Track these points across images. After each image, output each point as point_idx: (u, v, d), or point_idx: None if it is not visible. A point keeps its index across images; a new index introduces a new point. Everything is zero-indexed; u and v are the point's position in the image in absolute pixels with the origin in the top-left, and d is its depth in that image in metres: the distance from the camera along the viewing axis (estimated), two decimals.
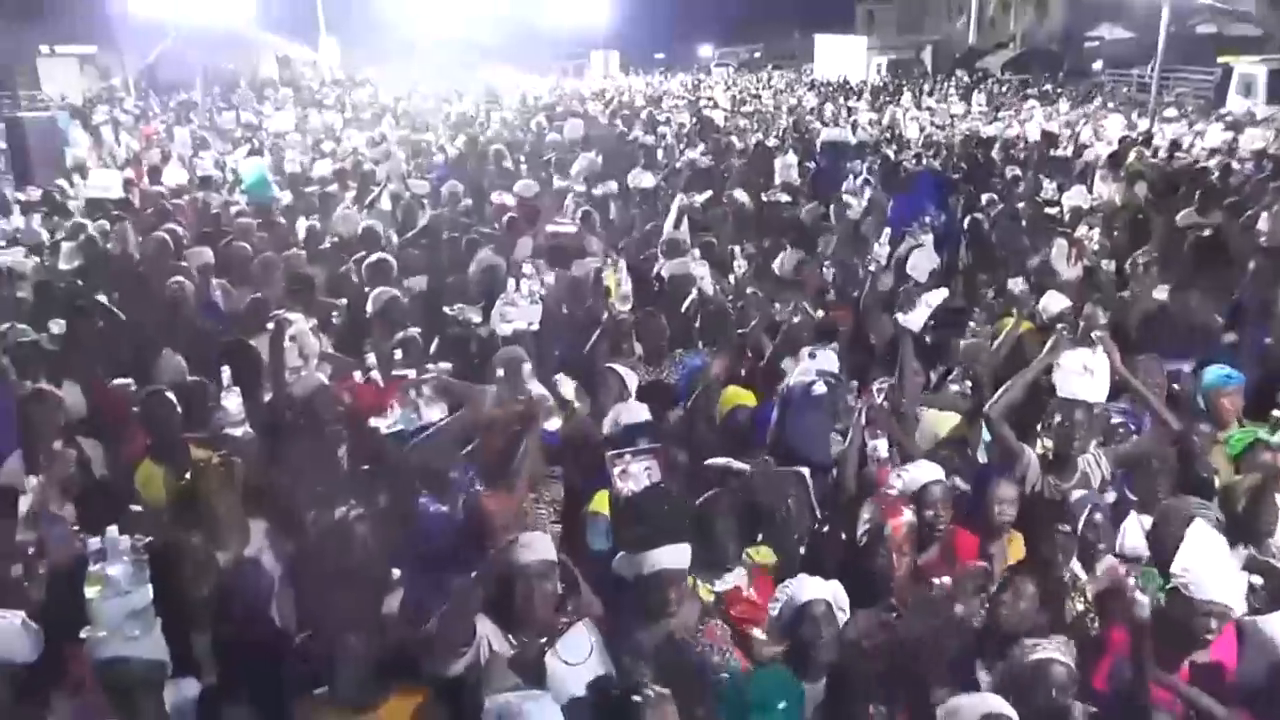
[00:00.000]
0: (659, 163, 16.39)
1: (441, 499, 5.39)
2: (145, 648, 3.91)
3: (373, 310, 7.91)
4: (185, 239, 10.89)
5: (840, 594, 4.53)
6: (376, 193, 13.58)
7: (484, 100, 30.66)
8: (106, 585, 3.81)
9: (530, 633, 4.40)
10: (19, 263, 10.70)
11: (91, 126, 24.74)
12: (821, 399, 5.99)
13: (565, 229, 10.11)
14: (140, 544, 3.90)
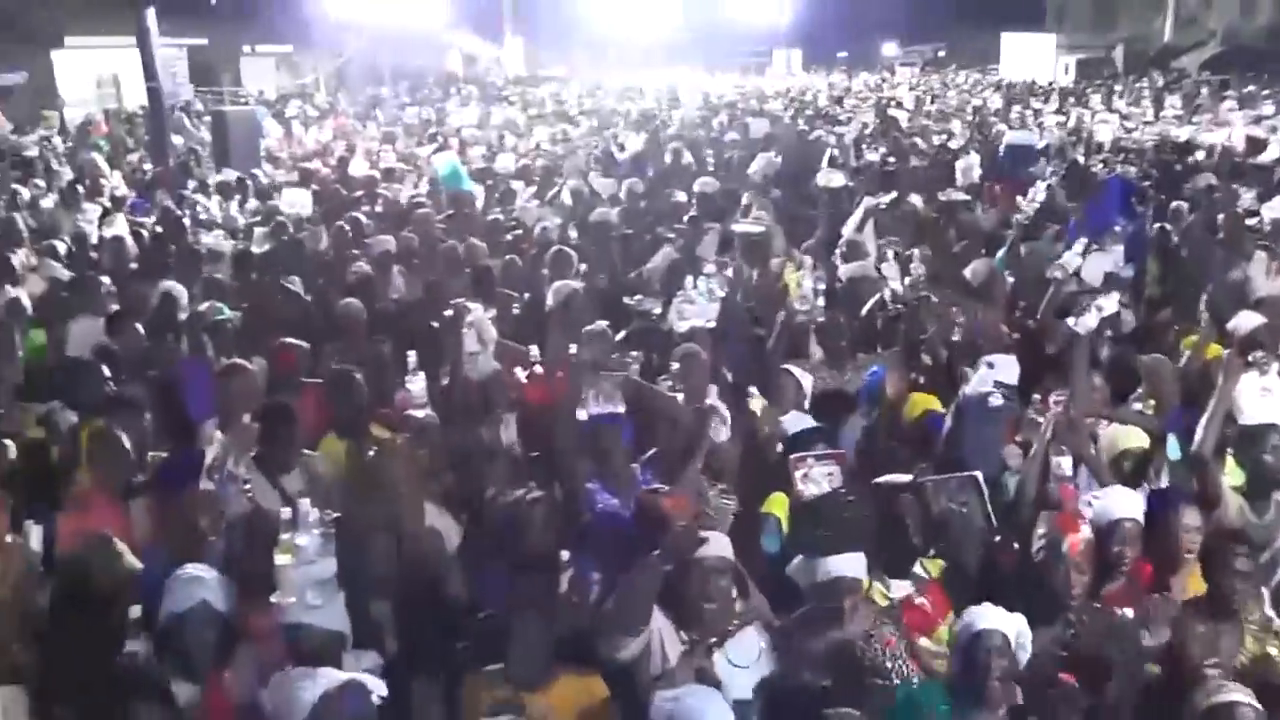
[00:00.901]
0: (838, 163, 16.21)
1: (615, 492, 5.44)
2: (326, 616, 4.13)
3: (554, 302, 8.00)
4: (367, 228, 11.25)
5: (1023, 630, 4.29)
6: (558, 188, 13.78)
7: (666, 98, 30.83)
8: (295, 554, 4.06)
9: (701, 630, 4.41)
10: (219, 244, 11.28)
11: (284, 120, 25.80)
12: (998, 410, 5.84)
13: (751, 228, 10.05)
14: (329, 517, 4.10)
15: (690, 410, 5.83)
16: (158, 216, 13.35)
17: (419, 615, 4.72)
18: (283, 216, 11.98)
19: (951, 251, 9.88)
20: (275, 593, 4.14)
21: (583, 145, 19.10)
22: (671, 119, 24.99)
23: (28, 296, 9.17)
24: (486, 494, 5.42)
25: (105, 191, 15.90)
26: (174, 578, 4.30)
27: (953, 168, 15.32)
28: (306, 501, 4.24)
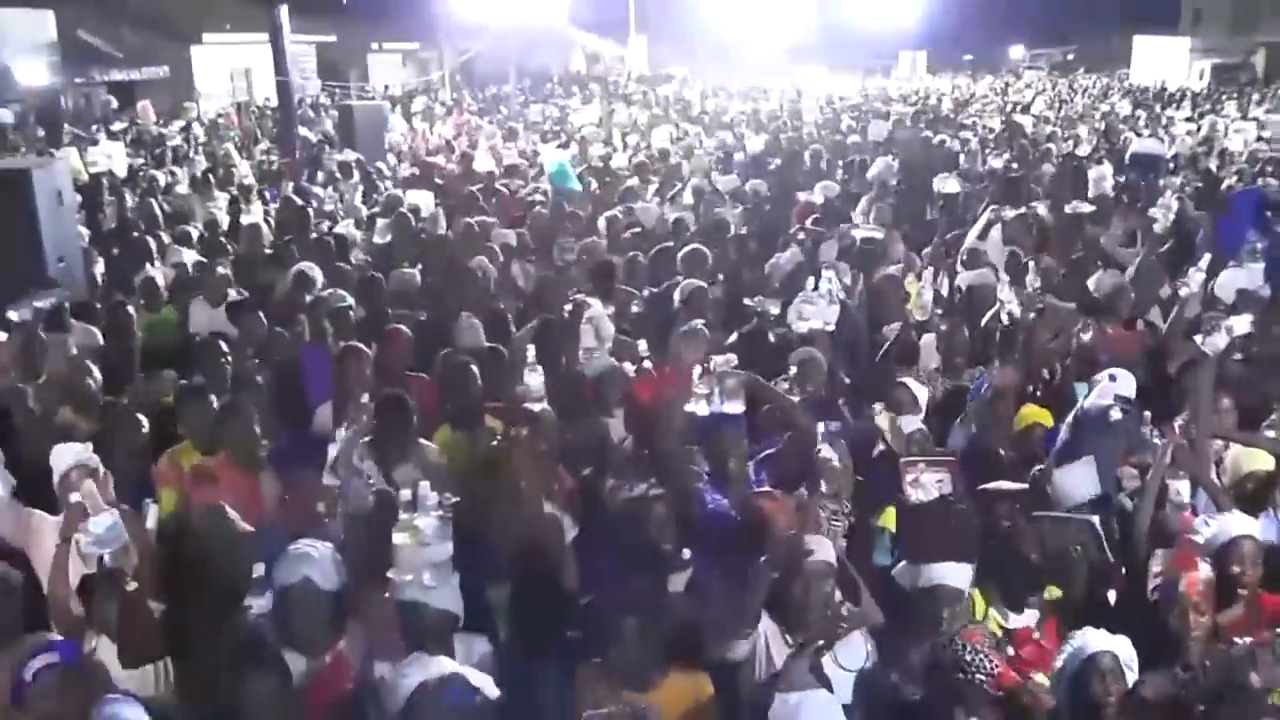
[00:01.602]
0: (962, 169, 15.99)
1: (726, 492, 5.45)
2: (440, 597, 4.23)
3: (679, 300, 8.02)
4: (490, 221, 11.43)
5: (1129, 651, 4.22)
6: (679, 187, 13.83)
7: (789, 100, 30.71)
8: (413, 535, 4.17)
9: (806, 633, 4.40)
10: (350, 232, 11.60)
11: (409, 115, 26.32)
12: (1117, 426, 5.73)
13: (872, 233, 9.98)
14: (448, 501, 4.22)
15: (808, 414, 5.83)
16: (279, 205, 13.78)
17: (533, 603, 4.81)
18: (404, 210, 12.23)
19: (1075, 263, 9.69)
20: (391, 571, 4.26)
21: (704, 145, 19.10)
22: (794, 121, 24.88)
23: (162, 277, 9.65)
24: (602, 488, 5.50)
25: (235, 180, 16.44)
26: (285, 553, 4.45)
27: (1079, 175, 14.92)
28: (426, 485, 4.34)
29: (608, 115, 26.49)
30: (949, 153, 17.66)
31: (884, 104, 30.96)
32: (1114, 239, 11.12)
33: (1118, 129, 23.53)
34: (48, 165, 10.02)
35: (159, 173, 16.98)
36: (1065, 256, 10.10)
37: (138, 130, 25.12)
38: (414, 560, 4.20)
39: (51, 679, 3.92)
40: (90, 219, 12.31)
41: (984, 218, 10.46)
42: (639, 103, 31.18)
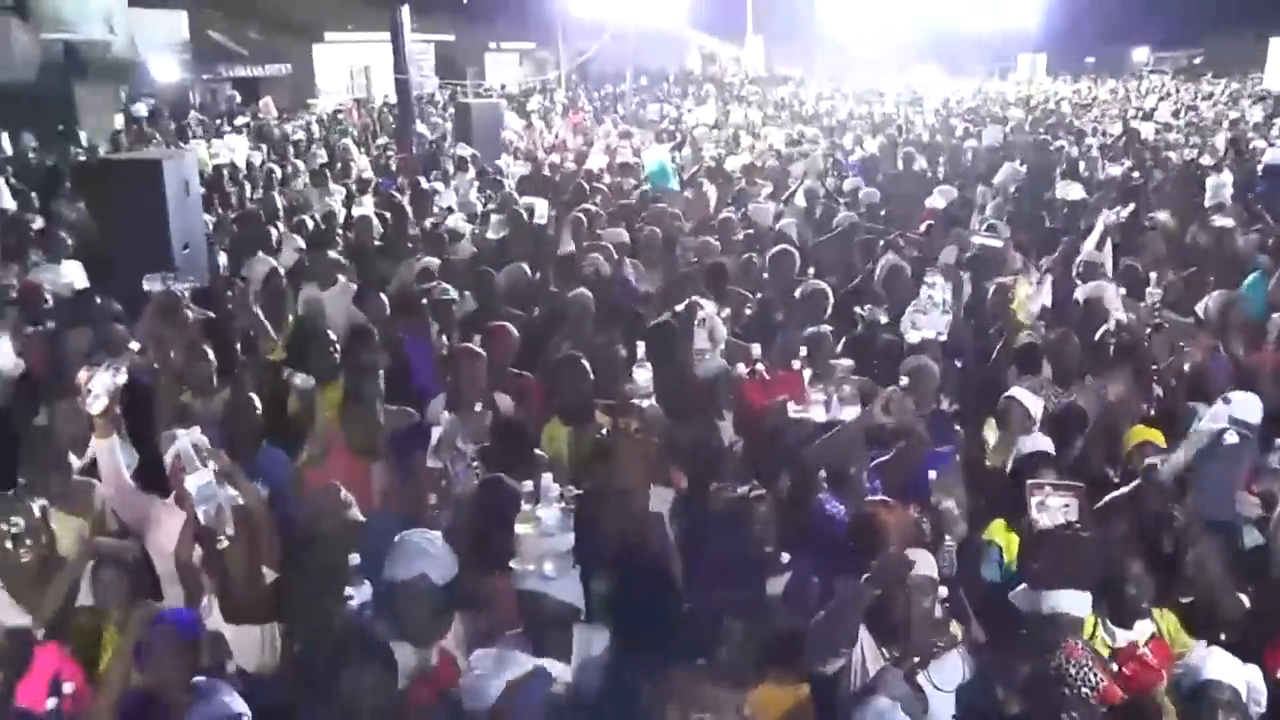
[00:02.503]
0: (1081, 175, 15.61)
1: (840, 498, 5.41)
2: (560, 588, 4.24)
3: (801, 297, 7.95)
4: (602, 219, 11.46)
5: (1256, 681, 4.02)
6: (793, 189, 13.75)
7: (905, 102, 30.35)
8: (536, 525, 4.21)
9: (903, 648, 4.35)
10: (460, 226, 11.74)
11: (525, 114, 26.58)
12: (1233, 450, 5.52)
13: (990, 241, 9.79)
14: (570, 493, 4.24)
15: (919, 424, 5.76)
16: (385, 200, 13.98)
17: (636, 600, 4.82)
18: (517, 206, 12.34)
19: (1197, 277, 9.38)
20: (513, 560, 4.29)
21: (818, 147, 18.97)
22: (910, 123, 24.57)
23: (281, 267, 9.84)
24: (709, 488, 5.47)
25: (353, 174, 16.76)
26: (399, 543, 4.50)
27: (1202, 185, 14.45)
28: (549, 476, 4.38)
29: (723, 116, 26.45)
30: (1067, 159, 17.27)
31: (1000, 108, 30.37)
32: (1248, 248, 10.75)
33: (1247, 137, 22.73)
34: (177, 157, 10.40)
35: (279, 166, 17.38)
36: (1185, 269, 9.77)
37: (260, 125, 25.80)
38: (536, 550, 4.23)
39: (165, 641, 4.10)
40: (212, 209, 12.64)
41: (1100, 226, 10.18)
42: (754, 103, 31.06)
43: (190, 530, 4.72)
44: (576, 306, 7.83)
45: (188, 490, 4.61)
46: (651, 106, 29.02)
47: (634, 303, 8.67)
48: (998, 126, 21.28)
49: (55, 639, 4.52)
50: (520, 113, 27.03)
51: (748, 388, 6.64)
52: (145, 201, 9.49)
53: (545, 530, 4.24)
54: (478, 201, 13.84)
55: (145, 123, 24.67)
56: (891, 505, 5.06)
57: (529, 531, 4.25)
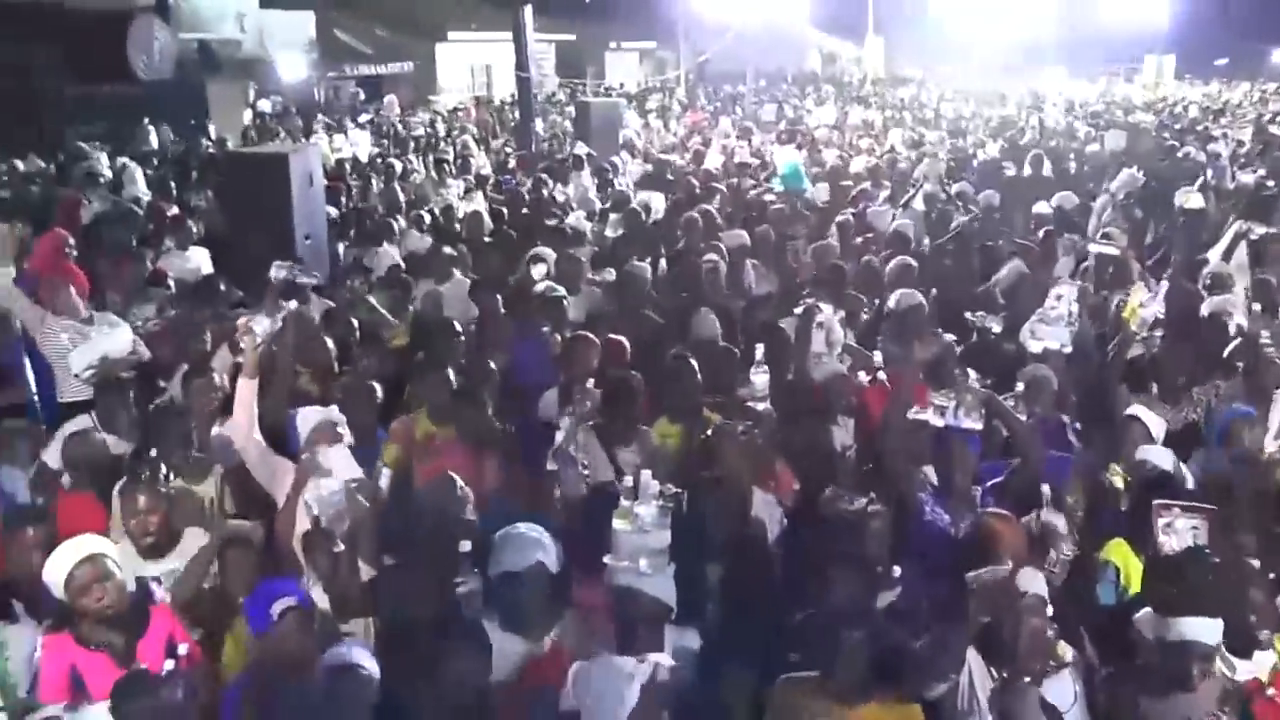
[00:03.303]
0: (1209, 183, 15.04)
1: (949, 508, 5.29)
2: (654, 585, 4.24)
3: (896, 310, 7.80)
4: (719, 220, 11.39)
5: None
6: (912, 193, 13.53)
7: (1027, 104, 29.73)
8: (633, 521, 4.21)
9: (1013, 668, 4.22)
10: (581, 223, 11.79)
11: (643, 113, 26.65)
12: None
13: (1105, 249, 9.49)
14: (669, 490, 4.21)
15: (1039, 440, 5.61)
16: (508, 196, 14.15)
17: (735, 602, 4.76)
18: (634, 205, 12.35)
19: None
20: (608, 556, 4.30)
21: (939, 150, 18.64)
22: (1032, 126, 24.01)
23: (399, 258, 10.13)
24: (819, 495, 5.37)
25: (472, 170, 16.97)
26: (510, 535, 4.51)
27: None
28: (648, 473, 4.37)
29: (842, 117, 26.21)
30: (1194, 165, 16.66)
31: (1125, 111, 29.51)
32: None
33: None
34: (302, 151, 10.67)
35: (399, 161, 17.66)
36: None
37: (382, 121, 26.30)
38: (631, 546, 4.23)
39: (292, 620, 4.19)
40: (333, 202, 12.88)
41: (1228, 237, 9.75)
42: (874, 105, 30.73)
43: (291, 512, 4.81)
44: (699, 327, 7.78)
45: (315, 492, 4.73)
46: (768, 106, 28.83)
47: (751, 304, 8.58)
48: (1121, 131, 20.64)
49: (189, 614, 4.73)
50: (639, 112, 27.10)
51: (868, 394, 6.54)
52: (271, 193, 9.79)
53: (642, 527, 4.25)
54: (596, 199, 13.88)
55: (271, 118, 25.32)
56: (1005, 517, 4.93)
57: (626, 528, 4.26)
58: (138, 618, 4.42)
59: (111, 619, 4.33)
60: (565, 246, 10.06)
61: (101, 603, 4.29)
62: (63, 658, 4.26)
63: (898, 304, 7.79)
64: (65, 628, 4.34)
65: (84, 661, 4.25)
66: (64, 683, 4.17)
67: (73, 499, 5.70)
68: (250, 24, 24.62)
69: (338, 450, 5.01)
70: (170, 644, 4.35)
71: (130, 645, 4.35)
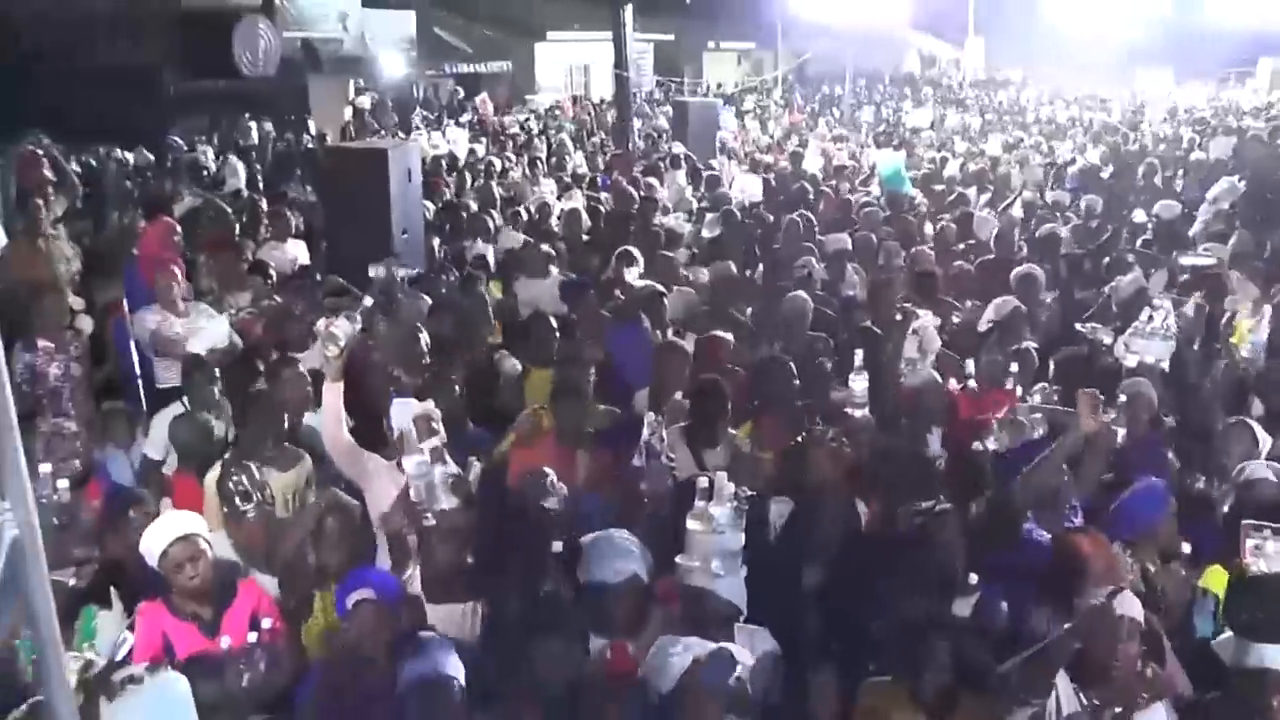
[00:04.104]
0: None
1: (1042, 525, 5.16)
2: (725, 586, 4.24)
3: (996, 318, 7.64)
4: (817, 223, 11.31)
5: None
6: (1010, 199, 13.30)
7: (1130, 109, 29.08)
8: (707, 522, 4.20)
9: (1105, 695, 4.10)
10: (679, 225, 11.78)
11: (741, 113, 26.59)
12: None
13: (1199, 261, 9.19)
14: (744, 493, 4.18)
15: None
16: (605, 195, 14.17)
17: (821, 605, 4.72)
18: (731, 206, 12.32)
19: None
20: (680, 556, 4.30)
21: (1038, 155, 18.32)
22: (1136, 131, 23.48)
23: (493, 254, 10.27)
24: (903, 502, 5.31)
25: (568, 168, 17.05)
26: (603, 543, 4.53)
27: None
28: (723, 475, 4.36)
29: (939, 120, 25.90)
30: None
31: (1235, 118, 28.65)
32: None
33: None
34: (401, 147, 10.83)
35: (496, 158, 17.82)
36: None
37: (479, 119, 26.57)
38: (705, 547, 4.22)
39: (365, 612, 4.26)
40: (430, 198, 13.02)
41: None
42: (972, 108, 30.31)
43: (404, 499, 4.87)
44: (791, 309, 7.74)
45: (406, 470, 4.79)
46: (866, 109, 28.63)
47: (847, 307, 8.50)
48: (1228, 138, 20.04)
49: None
50: (736, 113, 27.07)
51: (957, 402, 6.44)
52: (370, 187, 9.93)
53: (717, 528, 4.23)
54: (693, 200, 13.86)
55: (370, 114, 25.74)
56: (1096, 537, 4.82)
57: (700, 528, 4.25)
58: (225, 591, 4.59)
59: (200, 593, 4.51)
60: (659, 247, 10.06)
61: (193, 579, 4.47)
62: (155, 625, 4.43)
63: (998, 312, 7.65)
64: (159, 597, 4.52)
65: (174, 630, 4.42)
66: (156, 649, 4.32)
67: (181, 480, 5.96)
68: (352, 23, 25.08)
69: (431, 444, 5.05)
70: (255, 617, 4.51)
71: (216, 617, 4.51)
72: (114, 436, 6.49)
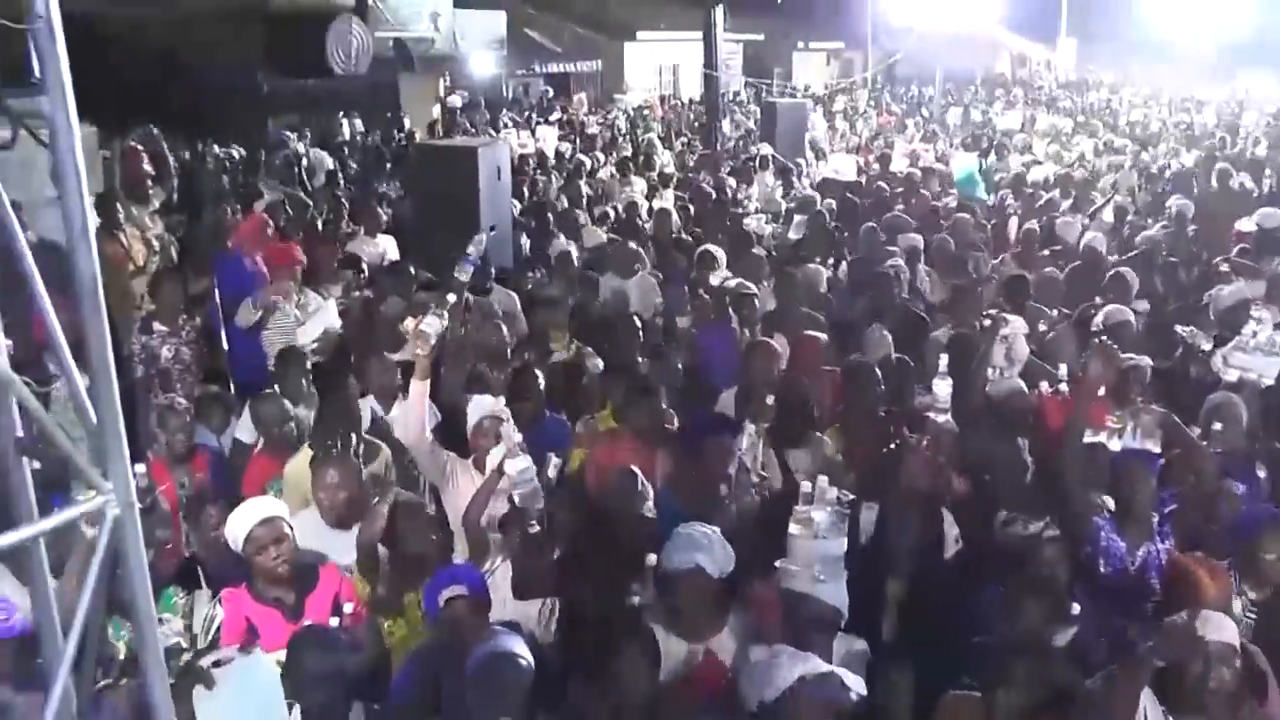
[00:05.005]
0: None
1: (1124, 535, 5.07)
2: (826, 591, 4.21)
3: (1101, 325, 7.43)
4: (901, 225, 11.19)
5: None
6: (1101, 203, 13.05)
7: (1227, 111, 28.34)
8: (807, 526, 4.20)
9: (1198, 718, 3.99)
10: (760, 226, 11.75)
11: (829, 114, 26.41)
12: None
13: None
14: (846, 497, 4.15)
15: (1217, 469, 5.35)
16: (692, 194, 14.16)
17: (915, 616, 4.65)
18: (819, 207, 12.25)
19: None
20: (781, 561, 4.27)
21: (1130, 159, 17.94)
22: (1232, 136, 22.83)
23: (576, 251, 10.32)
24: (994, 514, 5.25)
25: (655, 168, 17.07)
26: (678, 535, 4.53)
27: None
28: (825, 479, 4.33)
29: (1029, 122, 25.49)
30: None
31: None
32: None
33: None
34: (491, 145, 10.98)
35: (585, 157, 17.91)
36: None
37: (568, 118, 26.73)
38: (806, 552, 4.20)
39: (460, 607, 4.33)
40: (518, 196, 13.14)
41: None
42: (1063, 110, 29.78)
43: (484, 495, 4.93)
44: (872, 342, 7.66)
45: (507, 473, 4.83)
46: (954, 110, 28.27)
47: (931, 311, 8.42)
48: None
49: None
50: (825, 113, 26.91)
51: (1045, 410, 6.32)
52: (460, 184, 10.08)
53: (818, 533, 4.21)
54: (781, 201, 13.82)
55: (460, 113, 26.03)
56: (1201, 559, 4.70)
57: (801, 533, 4.23)
58: (308, 576, 4.69)
59: (283, 577, 4.61)
60: (745, 247, 10.03)
61: (275, 562, 4.57)
62: (239, 609, 4.53)
63: (1106, 320, 7.47)
64: (242, 582, 4.63)
65: (257, 614, 4.52)
66: (241, 632, 4.40)
67: (259, 459, 6.13)
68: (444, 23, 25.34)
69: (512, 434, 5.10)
70: (336, 602, 4.58)
71: (299, 602, 4.61)
72: (208, 420, 6.65)
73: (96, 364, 2.15)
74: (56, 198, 2.10)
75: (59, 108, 2.06)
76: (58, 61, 2.03)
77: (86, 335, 2.15)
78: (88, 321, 2.15)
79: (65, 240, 2.11)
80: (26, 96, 2.05)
